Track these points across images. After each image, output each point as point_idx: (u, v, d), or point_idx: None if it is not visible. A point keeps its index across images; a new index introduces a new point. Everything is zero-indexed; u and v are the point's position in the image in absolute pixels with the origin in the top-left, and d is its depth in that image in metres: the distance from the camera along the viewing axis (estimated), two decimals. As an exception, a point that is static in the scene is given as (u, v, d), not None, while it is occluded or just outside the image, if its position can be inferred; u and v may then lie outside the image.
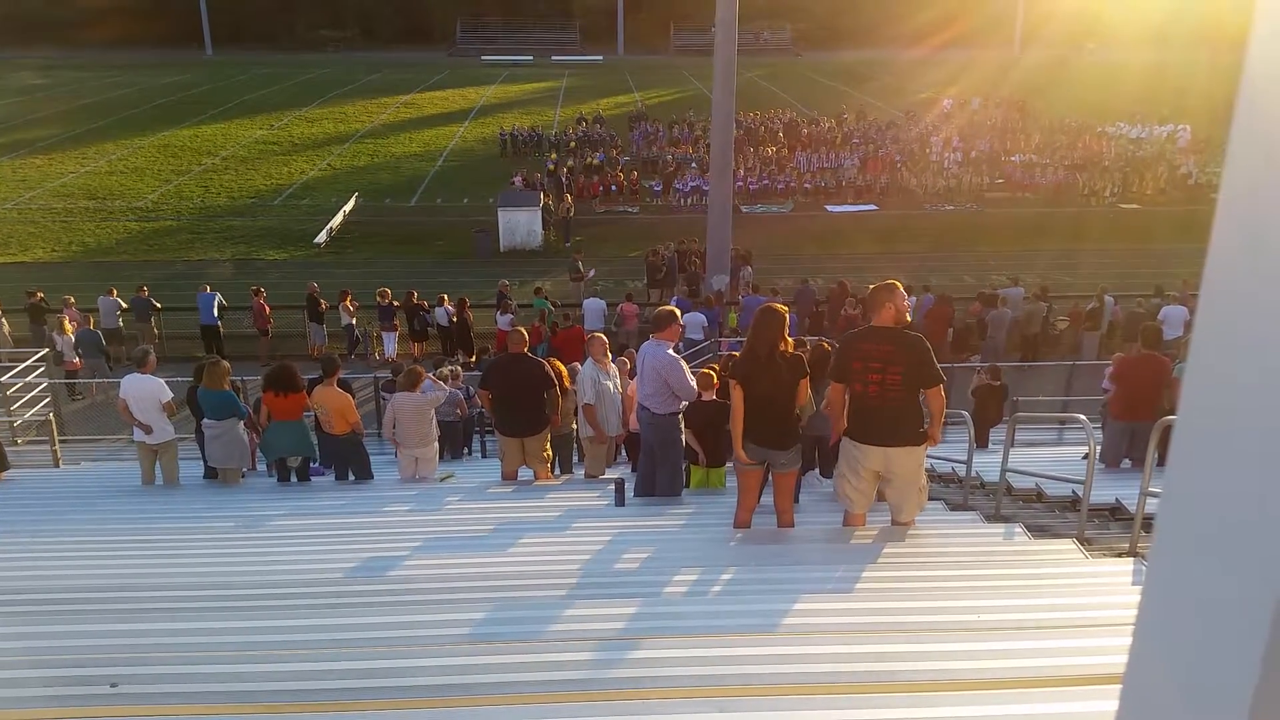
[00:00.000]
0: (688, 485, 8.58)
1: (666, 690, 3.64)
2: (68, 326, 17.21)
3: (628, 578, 5.63)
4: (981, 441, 11.57)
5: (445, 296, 19.70)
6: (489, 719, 3.46)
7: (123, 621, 4.85)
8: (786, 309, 6.64)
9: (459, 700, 3.59)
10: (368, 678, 3.85)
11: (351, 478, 9.96)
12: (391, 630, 4.55)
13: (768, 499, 6.90)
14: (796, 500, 7.70)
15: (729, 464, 9.34)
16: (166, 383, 9.56)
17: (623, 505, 7.87)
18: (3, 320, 18.90)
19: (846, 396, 6.20)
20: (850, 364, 6.02)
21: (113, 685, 3.76)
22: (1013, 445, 8.65)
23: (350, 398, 9.93)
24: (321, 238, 28.69)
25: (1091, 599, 5.08)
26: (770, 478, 6.75)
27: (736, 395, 6.38)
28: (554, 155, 37.59)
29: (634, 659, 3.93)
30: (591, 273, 23.16)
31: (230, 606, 5.19)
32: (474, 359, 18.50)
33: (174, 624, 4.77)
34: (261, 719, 3.55)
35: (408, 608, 5.00)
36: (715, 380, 8.61)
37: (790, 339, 6.48)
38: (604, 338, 9.55)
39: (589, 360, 9.23)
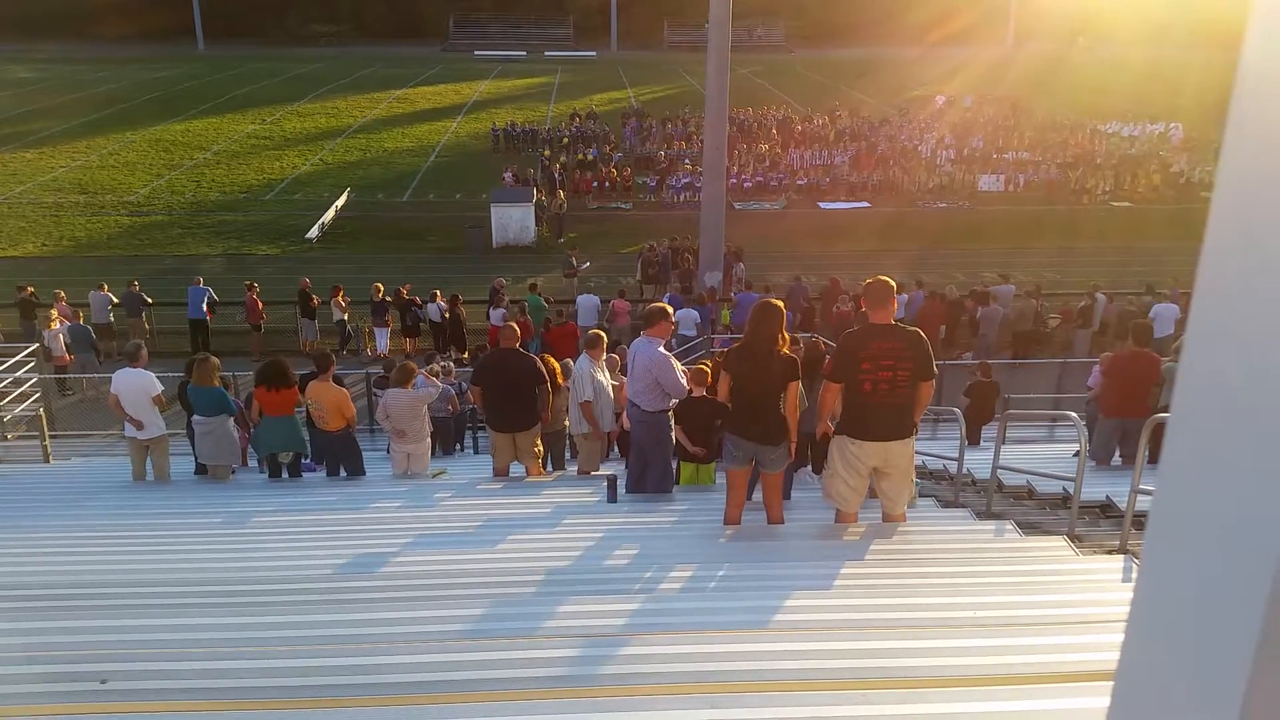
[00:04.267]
0: (678, 482, 8.59)
1: (658, 686, 3.64)
2: (53, 322, 17.11)
3: (620, 574, 5.63)
4: (973, 439, 11.60)
5: (438, 292, 19.66)
6: (480, 715, 3.46)
7: (113, 618, 4.83)
8: (783, 304, 6.65)
9: (449, 696, 3.59)
10: (358, 674, 3.84)
11: (343, 474, 9.94)
12: (382, 626, 4.55)
13: (759, 495, 6.91)
14: (788, 496, 7.72)
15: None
16: (158, 378, 9.52)
17: (615, 501, 7.87)
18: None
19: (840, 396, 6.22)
20: (858, 364, 5.96)
21: (103, 681, 3.75)
22: (1004, 442, 8.67)
23: (346, 392, 9.92)
24: (314, 233, 28.62)
25: (1082, 595, 5.10)
26: (759, 475, 6.76)
27: (724, 384, 6.43)
28: (547, 151, 37.55)
29: (625, 655, 3.93)
30: (586, 264, 23.19)
31: (221, 603, 5.18)
32: (466, 355, 18.49)
33: (164, 620, 4.76)
34: (252, 715, 3.53)
35: (399, 604, 4.99)
36: (709, 377, 8.61)
37: (788, 335, 6.48)
38: (603, 335, 9.55)
39: (585, 356, 9.22)
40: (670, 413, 8.18)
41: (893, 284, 6.18)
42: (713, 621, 4.50)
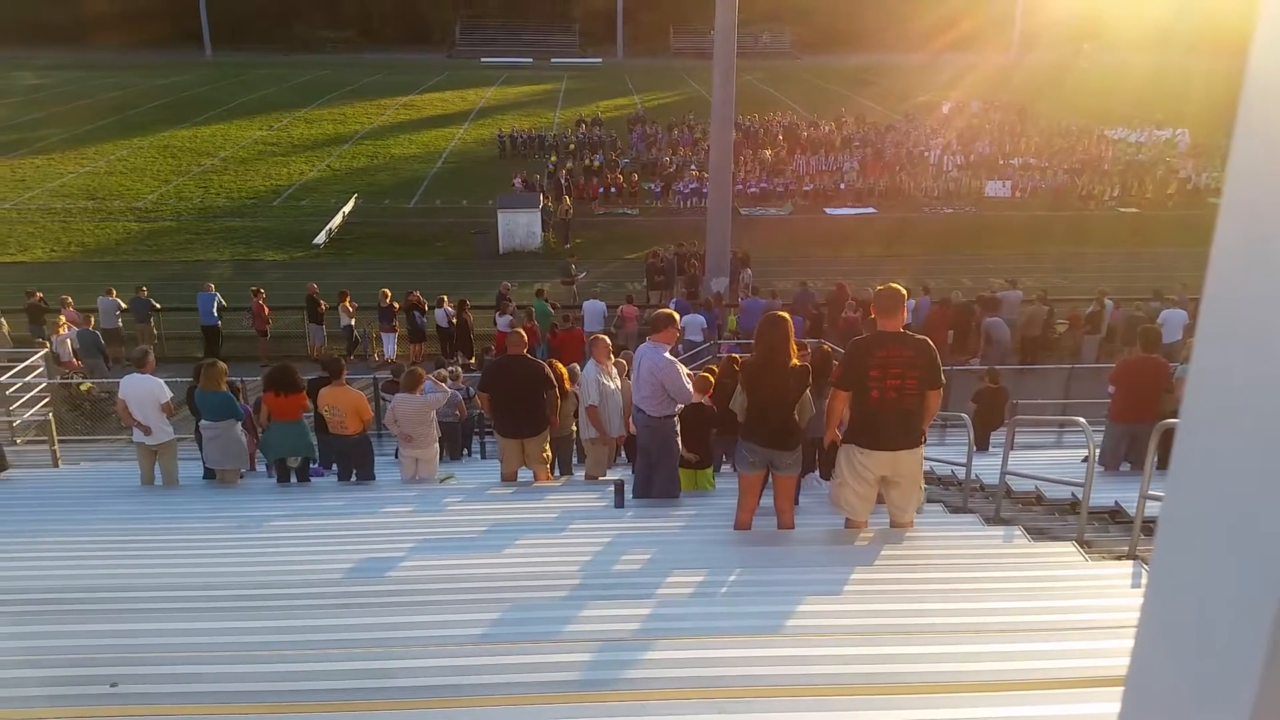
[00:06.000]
0: (679, 487, 8.58)
1: (666, 691, 3.64)
2: (61, 327, 17.17)
3: (627, 579, 5.63)
4: (981, 444, 11.57)
5: (445, 298, 19.69)
6: (489, 719, 3.46)
7: (122, 621, 4.84)
8: (789, 316, 6.66)
9: (458, 701, 3.59)
10: (367, 678, 3.85)
11: (354, 478, 9.95)
12: (391, 631, 4.55)
13: (766, 500, 6.90)
14: (796, 502, 7.71)
15: (723, 466, 9.37)
16: (166, 383, 9.55)
17: (622, 507, 7.87)
18: (1, 320, 18.89)
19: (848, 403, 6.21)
20: (866, 371, 5.96)
21: (112, 685, 3.76)
22: (1012, 448, 8.65)
23: (363, 395, 9.95)
24: (321, 239, 28.68)
25: (1091, 601, 5.09)
26: (770, 480, 6.76)
27: (741, 399, 6.43)
28: (553, 157, 37.59)
29: (634, 660, 3.93)
30: (583, 275, 23.18)
31: (229, 607, 5.19)
32: (474, 360, 18.51)
33: (173, 624, 4.77)
34: (261, 719, 3.54)
35: (407, 608, 5.00)
36: (712, 385, 8.60)
37: (797, 347, 6.50)
38: (607, 339, 9.54)
39: (591, 361, 9.22)
40: (676, 418, 8.18)
41: (903, 292, 6.18)
42: (722, 626, 4.50)
